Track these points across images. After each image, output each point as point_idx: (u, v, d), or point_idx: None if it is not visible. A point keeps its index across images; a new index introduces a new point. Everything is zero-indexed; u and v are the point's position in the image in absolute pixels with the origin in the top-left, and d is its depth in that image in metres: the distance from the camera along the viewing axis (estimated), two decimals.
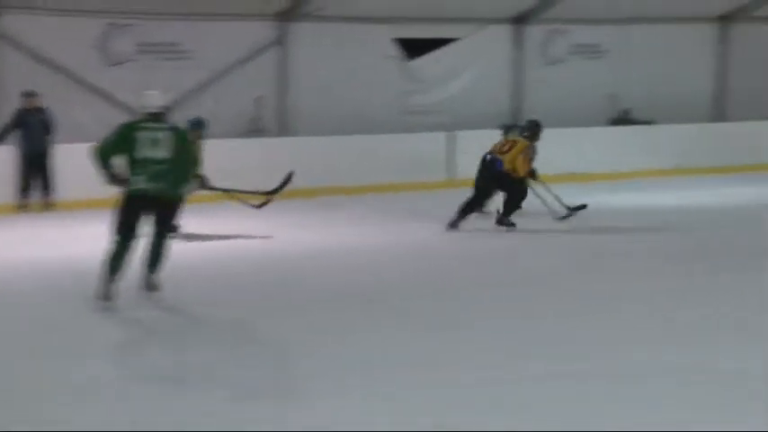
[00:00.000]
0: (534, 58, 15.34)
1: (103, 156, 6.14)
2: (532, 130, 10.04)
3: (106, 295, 6.06)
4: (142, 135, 6.11)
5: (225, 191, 9.86)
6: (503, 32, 15.27)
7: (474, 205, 9.84)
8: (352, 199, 12.49)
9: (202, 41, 13.45)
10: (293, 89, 13.92)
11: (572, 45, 15.48)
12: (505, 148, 9.91)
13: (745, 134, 14.73)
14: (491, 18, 15.14)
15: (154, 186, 6.07)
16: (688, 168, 14.43)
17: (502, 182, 9.70)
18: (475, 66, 15.17)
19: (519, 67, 15.34)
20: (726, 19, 15.89)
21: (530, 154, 9.72)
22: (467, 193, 12.52)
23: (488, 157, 9.95)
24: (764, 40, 15.78)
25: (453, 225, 9.73)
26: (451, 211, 11.38)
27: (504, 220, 9.69)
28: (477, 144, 13.98)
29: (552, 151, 14.15)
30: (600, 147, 14.57)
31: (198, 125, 9.67)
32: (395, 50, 14.78)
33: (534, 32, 15.31)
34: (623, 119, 15.37)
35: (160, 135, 6.13)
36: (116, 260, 6.08)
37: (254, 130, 13.66)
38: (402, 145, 13.75)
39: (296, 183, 10.05)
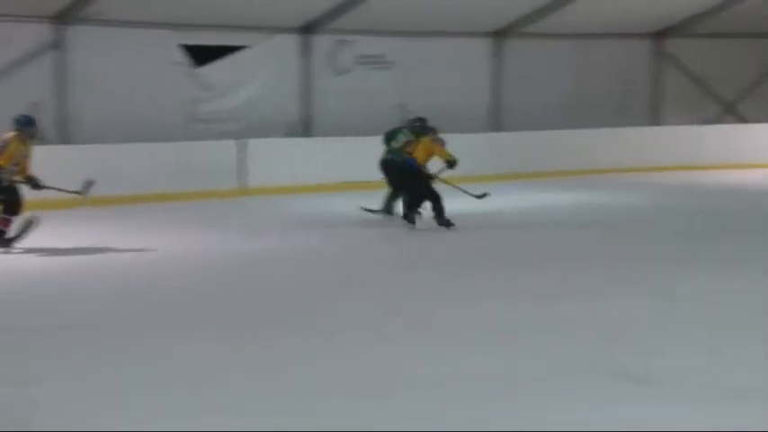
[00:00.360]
0: (322, 67, 15.52)
1: None
2: (428, 126, 10.70)
3: None
4: None
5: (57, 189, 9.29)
6: (291, 42, 15.33)
7: (415, 201, 10.20)
8: (139, 208, 12.11)
9: None
10: (74, 95, 13.28)
11: (358, 55, 15.80)
12: (409, 148, 10.36)
13: (522, 143, 15.61)
14: (279, 27, 15.17)
15: None
16: (476, 176, 15.07)
17: (416, 179, 10.09)
18: (263, 74, 15.14)
19: (307, 76, 15.46)
20: (499, 34, 16.80)
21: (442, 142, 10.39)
22: (259, 200, 12.52)
23: (395, 157, 10.46)
24: (534, 55, 16.82)
25: (410, 220, 10.04)
26: (244, 218, 11.32)
27: (442, 221, 9.97)
28: (268, 152, 14.08)
29: (342, 160, 14.47)
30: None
31: (25, 123, 9.03)
32: (182, 57, 14.48)
33: (321, 42, 15.49)
34: None
35: None
36: None
37: None
38: (191, 153, 13.49)
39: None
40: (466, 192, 10.95)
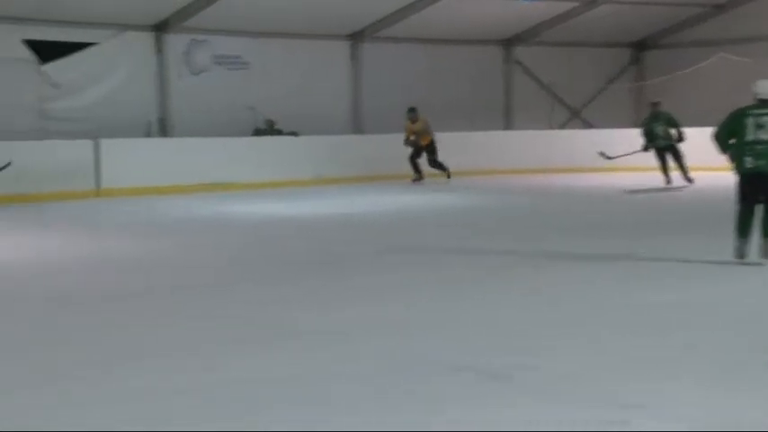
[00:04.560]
0: (178, 66, 15.13)
1: (719, 138, 7.15)
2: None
3: (739, 254, 6.92)
4: (749, 120, 6.96)
5: None
6: (143, 39, 14.87)
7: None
8: None
9: None
10: None
11: (214, 56, 15.50)
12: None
13: (379, 146, 15.71)
14: (130, 24, 14.68)
15: (764, 164, 6.91)
16: (326, 178, 15.08)
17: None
18: (116, 72, 14.61)
19: (163, 75, 15.02)
20: (355, 38, 16.88)
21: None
22: (112, 202, 12.10)
23: None
24: (390, 59, 17.01)
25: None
26: (92, 221, 10.88)
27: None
28: (122, 152, 13.58)
29: (200, 161, 14.14)
30: (243, 157, 14.75)
31: None
32: (26, 53, 13.75)
33: (175, 41, 15.10)
34: (267, 130, 15.67)
35: (766, 119, 6.95)
36: (741, 224, 6.96)
37: None
38: (42, 153, 12.84)
39: None
40: None
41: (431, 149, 15.21)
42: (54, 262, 7.90)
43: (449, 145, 16.17)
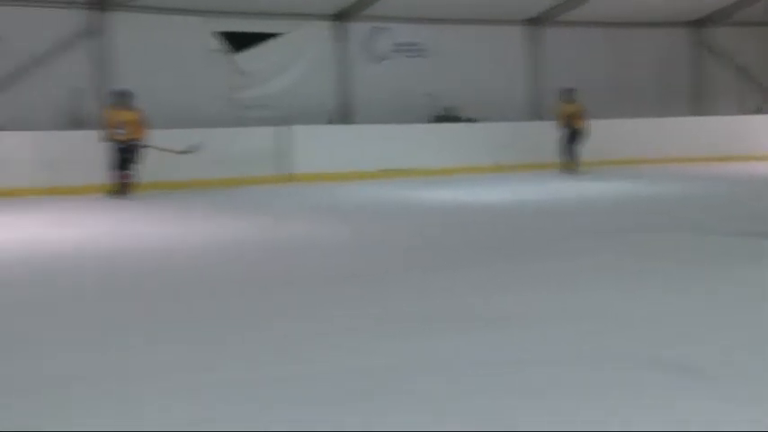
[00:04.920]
0: (359, 54, 15.39)
1: None
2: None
3: None
4: None
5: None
6: (326, 28, 15.22)
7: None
8: (184, 194, 12.03)
9: (9, 29, 12.53)
10: (113, 81, 13.17)
11: (394, 43, 15.65)
12: None
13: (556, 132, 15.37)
14: (313, 14, 15.06)
15: None
16: (506, 165, 14.92)
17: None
18: (300, 61, 15.05)
19: (344, 63, 15.32)
20: (534, 22, 16.58)
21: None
22: (303, 187, 12.35)
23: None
24: (570, 44, 16.60)
25: None
26: (285, 204, 11.18)
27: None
28: (311, 138, 13.99)
29: (377, 147, 14.35)
30: (423, 143, 14.83)
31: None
32: (219, 44, 14.38)
33: (356, 29, 15.35)
34: (447, 116, 15.67)
35: None
36: None
37: (74, 122, 12.86)
38: (234, 139, 13.41)
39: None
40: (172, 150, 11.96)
41: (580, 134, 14.39)
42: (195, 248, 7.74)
43: (636, 131, 15.67)
